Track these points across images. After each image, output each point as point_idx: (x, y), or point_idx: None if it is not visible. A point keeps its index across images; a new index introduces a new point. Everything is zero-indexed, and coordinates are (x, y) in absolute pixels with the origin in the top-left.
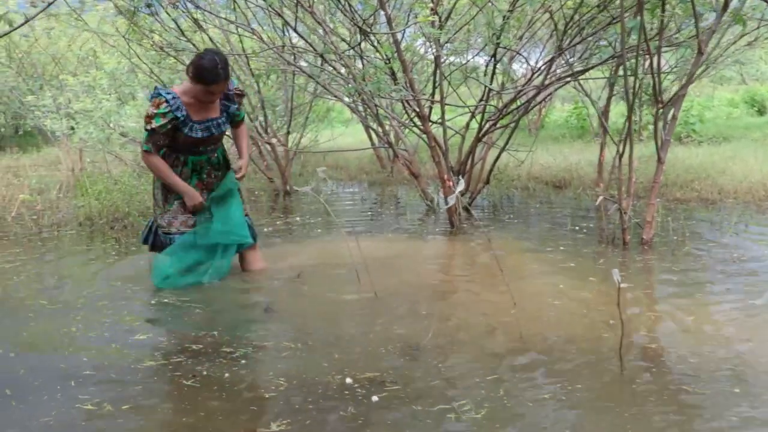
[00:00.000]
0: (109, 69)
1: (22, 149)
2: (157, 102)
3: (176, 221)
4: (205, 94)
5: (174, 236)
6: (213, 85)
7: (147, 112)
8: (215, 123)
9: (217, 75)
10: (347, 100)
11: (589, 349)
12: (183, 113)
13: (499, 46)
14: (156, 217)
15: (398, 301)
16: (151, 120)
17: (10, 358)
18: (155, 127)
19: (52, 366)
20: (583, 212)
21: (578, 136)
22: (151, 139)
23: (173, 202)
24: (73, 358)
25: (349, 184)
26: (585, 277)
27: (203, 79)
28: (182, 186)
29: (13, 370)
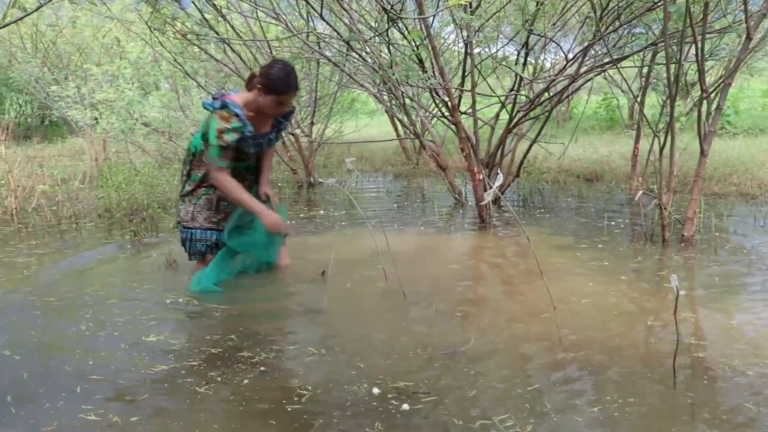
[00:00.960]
0: (133, 58)
1: (47, 139)
2: (227, 116)
3: (200, 216)
4: (275, 105)
5: (195, 231)
6: (285, 95)
7: (218, 126)
8: (267, 139)
9: (289, 85)
10: (373, 90)
11: (635, 357)
12: (250, 130)
13: (532, 33)
14: (179, 210)
15: (428, 301)
16: (222, 135)
17: (15, 360)
18: (229, 143)
19: (57, 369)
20: (617, 206)
21: (608, 127)
22: (224, 155)
23: (201, 197)
24: (79, 361)
25: (373, 176)
26: (625, 277)
27: (276, 89)
28: (258, 207)
29: (17, 373)
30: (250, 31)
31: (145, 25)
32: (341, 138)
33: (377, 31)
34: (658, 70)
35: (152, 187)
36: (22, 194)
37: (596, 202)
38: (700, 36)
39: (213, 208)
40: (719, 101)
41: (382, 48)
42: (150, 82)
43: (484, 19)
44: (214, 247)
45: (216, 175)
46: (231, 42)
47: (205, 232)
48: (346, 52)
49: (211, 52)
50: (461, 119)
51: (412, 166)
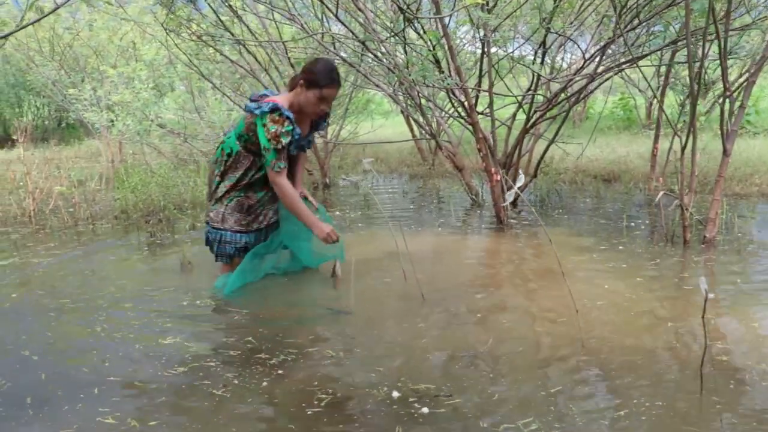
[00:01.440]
0: (148, 60)
1: (64, 141)
2: (282, 120)
3: (231, 218)
4: (316, 101)
5: (225, 233)
6: (326, 88)
7: (274, 130)
8: (306, 140)
9: (332, 79)
10: (388, 90)
11: (659, 361)
12: (299, 132)
13: (550, 32)
14: (209, 212)
15: (447, 303)
16: (279, 139)
17: (33, 361)
18: (285, 145)
19: (74, 371)
20: (636, 207)
21: (625, 127)
22: (280, 157)
23: (233, 199)
24: (96, 363)
25: (389, 177)
26: (646, 279)
27: (318, 82)
28: (311, 219)
29: (35, 374)
30: (266, 32)
31: (160, 27)
32: (356, 139)
33: (393, 31)
34: (677, 69)
35: (168, 188)
36: (39, 196)
37: (614, 203)
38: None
39: (243, 210)
40: (743, 100)
41: (397, 48)
42: (165, 84)
43: (501, 18)
44: (243, 251)
45: (276, 179)
46: (246, 43)
47: (235, 234)
48: (362, 52)
49: (227, 53)
50: (478, 119)
51: (427, 167)
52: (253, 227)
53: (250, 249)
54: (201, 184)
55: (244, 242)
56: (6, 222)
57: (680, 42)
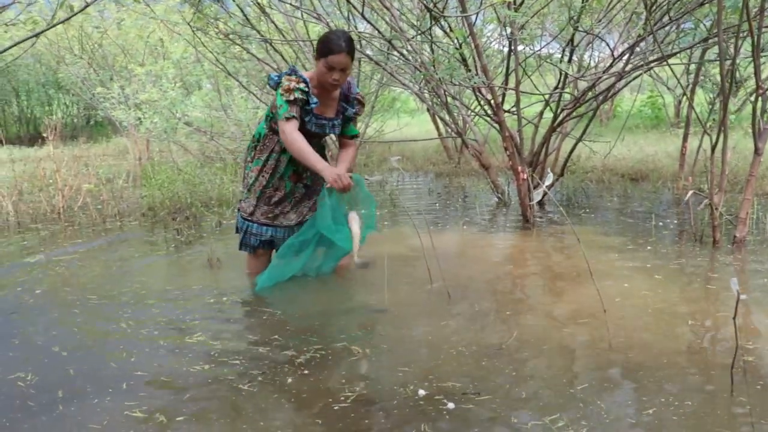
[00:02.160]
0: (176, 58)
1: (92, 139)
2: (297, 79)
3: (259, 211)
4: (326, 70)
5: (252, 224)
6: (332, 55)
7: (286, 85)
8: (330, 123)
9: (338, 45)
10: (415, 89)
11: (688, 361)
12: (315, 102)
13: (578, 30)
14: (242, 200)
15: (473, 301)
16: (291, 92)
17: (62, 357)
18: (297, 98)
19: (102, 366)
20: (664, 207)
21: (653, 126)
22: (292, 108)
23: (263, 191)
24: (123, 359)
25: (415, 175)
26: (675, 279)
27: (321, 50)
28: (320, 164)
29: (64, 370)
30: (292, 30)
31: (188, 25)
32: (382, 137)
33: (419, 29)
34: (707, 67)
35: (195, 186)
36: (68, 193)
37: (642, 202)
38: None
39: (271, 203)
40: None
41: (424, 46)
42: (192, 82)
43: (528, 15)
44: (268, 244)
45: (284, 126)
46: (273, 41)
47: (261, 227)
48: (388, 50)
49: (253, 51)
50: (505, 118)
51: (453, 165)
52: (281, 222)
53: (277, 243)
54: (227, 181)
55: (269, 235)
56: (36, 218)
57: (711, 39)
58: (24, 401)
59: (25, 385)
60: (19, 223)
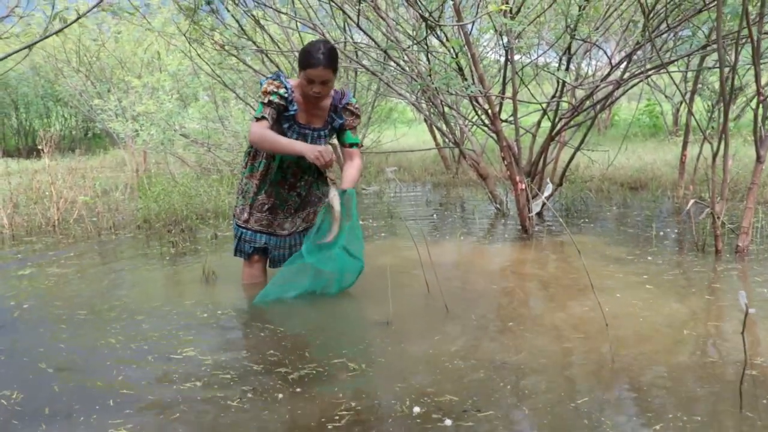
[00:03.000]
0: (172, 70)
1: (90, 151)
2: (277, 84)
3: (252, 218)
4: (306, 82)
5: (246, 231)
6: (310, 69)
7: (265, 88)
8: (316, 134)
9: (316, 59)
10: (411, 99)
11: (694, 376)
12: (294, 109)
13: (575, 38)
14: (236, 206)
15: (472, 314)
16: (268, 95)
17: (48, 373)
18: (272, 101)
19: (89, 383)
20: (664, 216)
21: (651, 134)
22: (265, 110)
23: (257, 197)
24: (111, 375)
25: (412, 186)
26: (677, 291)
27: (302, 62)
28: (298, 146)
29: (50, 387)
30: (288, 41)
31: (184, 37)
32: (379, 147)
33: (415, 39)
34: (705, 75)
35: (191, 198)
36: (64, 206)
37: (642, 211)
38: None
39: (264, 210)
40: None
41: (420, 56)
42: (189, 94)
43: (525, 24)
44: (262, 251)
45: (252, 126)
46: (269, 52)
47: (255, 234)
48: (384, 61)
49: (249, 62)
50: (502, 127)
51: (451, 176)
52: (275, 231)
53: (271, 251)
54: (224, 193)
55: (263, 242)
56: (31, 231)
57: (710, 46)
58: (8, 419)
59: (9, 404)
60: (14, 235)
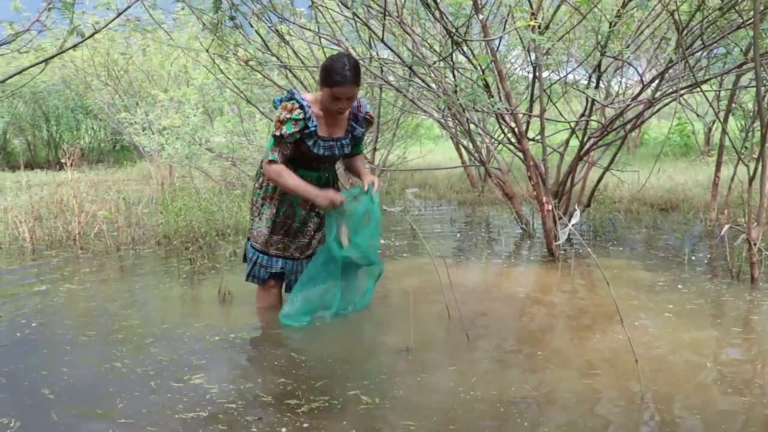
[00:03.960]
0: (197, 84)
1: (118, 163)
2: (290, 106)
3: (270, 241)
4: (331, 99)
5: (263, 256)
6: (337, 87)
7: (278, 116)
8: (339, 143)
9: (343, 77)
10: (436, 116)
11: (727, 419)
12: (314, 124)
13: (605, 55)
14: (252, 228)
15: (493, 344)
16: (281, 125)
17: (49, 399)
18: (284, 133)
19: (88, 412)
20: (696, 240)
21: (682, 154)
22: (277, 147)
23: (273, 220)
24: (112, 402)
25: (437, 204)
26: (711, 323)
27: (327, 79)
28: (313, 191)
29: (49, 415)
30: (313, 56)
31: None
32: (405, 164)
33: (441, 55)
34: (739, 94)
35: (212, 213)
36: (85, 219)
37: (673, 234)
38: None
39: (282, 232)
40: None
41: (446, 73)
42: (215, 108)
43: (554, 40)
44: (278, 276)
45: (265, 167)
46: (293, 68)
47: (272, 258)
48: (409, 77)
49: (274, 78)
50: (529, 146)
51: (477, 194)
52: (292, 255)
53: (287, 275)
54: (245, 209)
55: (280, 267)
56: (51, 245)
57: (747, 65)
58: None
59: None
60: (34, 249)
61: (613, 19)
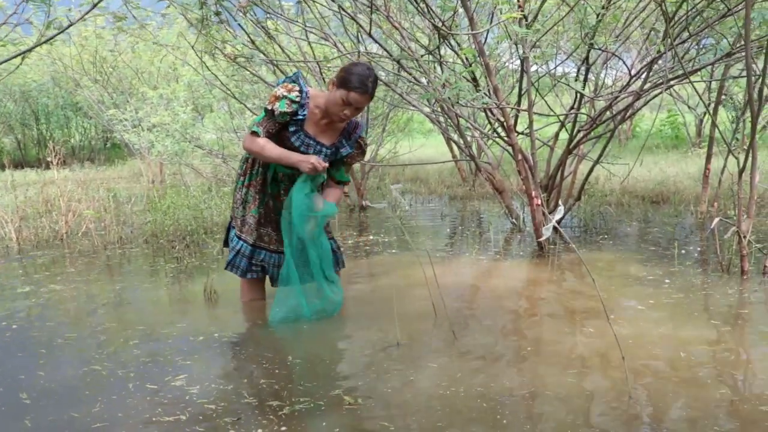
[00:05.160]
0: (186, 81)
1: (109, 161)
2: (290, 87)
3: (254, 232)
4: (341, 103)
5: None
6: (354, 93)
7: (275, 92)
8: (319, 148)
9: (364, 86)
10: (426, 110)
11: (719, 416)
12: (304, 113)
13: (593, 48)
14: (235, 217)
15: (480, 342)
16: (276, 101)
17: (25, 405)
18: (276, 110)
19: (64, 416)
20: (686, 232)
21: (673, 146)
22: (264, 122)
23: (258, 210)
24: (89, 406)
25: (428, 199)
26: (701, 316)
27: (348, 83)
28: (295, 157)
29: (23, 421)
30: (300, 52)
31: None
32: (395, 159)
33: (428, 49)
34: (729, 85)
35: (200, 211)
36: (72, 218)
37: (663, 227)
38: None
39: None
40: None
41: (435, 66)
42: (205, 105)
43: (541, 33)
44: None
45: (246, 139)
46: (279, 63)
47: (255, 250)
48: (397, 71)
49: (262, 74)
50: (518, 140)
51: (468, 188)
52: (271, 247)
53: (268, 269)
54: None
55: (261, 258)
56: (38, 245)
57: (736, 54)
58: None
59: None
60: (20, 249)
61: (600, 10)
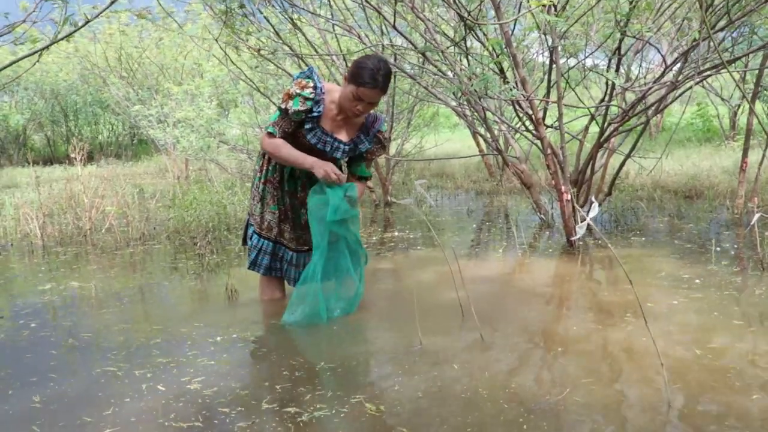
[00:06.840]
0: (211, 77)
1: (136, 157)
2: (303, 83)
3: (274, 228)
4: (352, 98)
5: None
6: (363, 87)
7: (288, 89)
8: (336, 145)
9: (373, 79)
10: (452, 104)
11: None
12: (319, 110)
13: (626, 36)
14: (253, 214)
15: (509, 345)
16: (289, 99)
17: (35, 409)
18: (290, 108)
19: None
20: (722, 228)
21: (705, 139)
22: (279, 121)
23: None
24: (101, 410)
25: (454, 194)
26: (742, 318)
27: (354, 78)
28: (310, 160)
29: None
30: (325, 45)
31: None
32: (421, 154)
33: (453, 40)
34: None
35: (224, 207)
36: (95, 215)
37: (698, 223)
38: None
39: (282, 220)
40: None
41: (461, 59)
42: (229, 100)
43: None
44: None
45: (263, 140)
46: (305, 57)
47: (276, 246)
48: (422, 64)
49: (286, 67)
50: (547, 134)
51: (495, 183)
52: (291, 245)
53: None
54: None
55: (280, 255)
56: (62, 242)
57: None
58: None
59: None
60: (44, 245)
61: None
